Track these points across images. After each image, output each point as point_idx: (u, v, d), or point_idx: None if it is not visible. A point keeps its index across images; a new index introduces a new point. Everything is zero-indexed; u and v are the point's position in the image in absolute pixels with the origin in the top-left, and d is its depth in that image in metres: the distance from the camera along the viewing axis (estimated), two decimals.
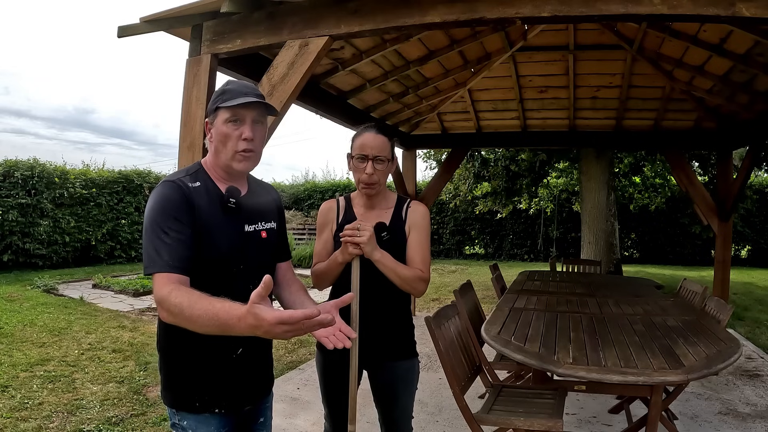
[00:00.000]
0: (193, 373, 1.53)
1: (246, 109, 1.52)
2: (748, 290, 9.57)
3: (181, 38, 3.10)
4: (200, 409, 1.53)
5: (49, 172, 10.43)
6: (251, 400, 1.65)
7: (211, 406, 1.54)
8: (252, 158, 1.57)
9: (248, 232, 1.59)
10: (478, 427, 2.45)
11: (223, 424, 1.58)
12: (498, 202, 11.94)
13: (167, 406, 1.58)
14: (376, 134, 1.94)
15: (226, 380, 1.56)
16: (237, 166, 1.55)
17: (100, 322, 6.16)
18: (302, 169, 62.84)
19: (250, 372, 1.62)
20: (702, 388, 4.11)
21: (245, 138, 1.52)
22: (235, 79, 1.66)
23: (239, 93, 1.53)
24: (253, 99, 1.52)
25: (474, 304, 3.81)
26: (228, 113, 1.52)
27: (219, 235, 1.50)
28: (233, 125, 1.52)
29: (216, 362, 1.54)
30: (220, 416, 1.56)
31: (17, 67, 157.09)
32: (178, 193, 1.46)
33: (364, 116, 5.60)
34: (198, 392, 1.53)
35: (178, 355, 1.55)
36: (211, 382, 1.54)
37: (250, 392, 1.64)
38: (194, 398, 1.53)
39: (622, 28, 4.94)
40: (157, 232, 1.41)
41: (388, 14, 2.68)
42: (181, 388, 1.54)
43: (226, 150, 1.53)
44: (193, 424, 1.54)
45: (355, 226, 1.83)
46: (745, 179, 5.86)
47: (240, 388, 1.59)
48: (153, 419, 3.46)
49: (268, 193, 1.74)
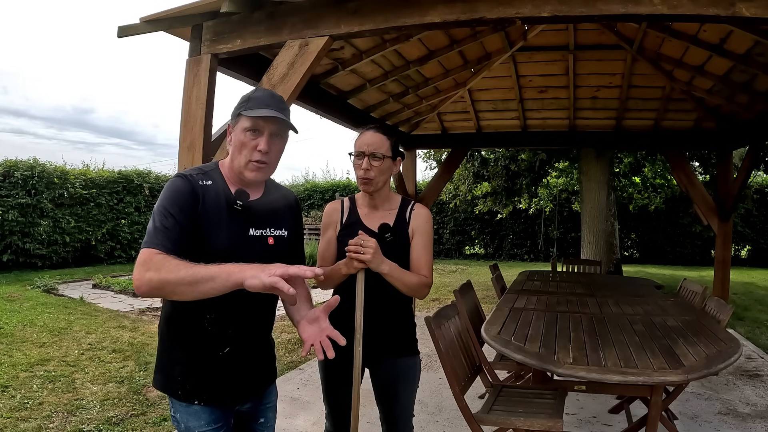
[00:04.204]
0: (179, 362, 1.58)
1: (266, 121, 1.54)
2: (748, 290, 9.57)
3: (181, 38, 3.10)
4: (182, 398, 1.57)
5: (49, 172, 10.42)
6: (240, 398, 1.67)
7: (191, 397, 1.57)
8: (264, 170, 1.58)
9: (253, 236, 1.60)
10: (478, 427, 2.45)
11: (214, 420, 1.59)
12: (498, 202, 11.94)
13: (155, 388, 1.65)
14: (374, 132, 1.97)
15: (209, 375, 1.58)
16: (248, 175, 1.56)
17: (100, 322, 6.16)
18: (302, 169, 62.76)
19: (239, 371, 1.63)
20: (702, 388, 4.11)
21: (260, 149, 1.53)
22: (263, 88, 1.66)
23: (263, 104, 1.54)
24: (273, 114, 1.52)
25: (474, 304, 3.81)
26: (248, 122, 1.53)
27: (219, 234, 1.52)
28: (251, 135, 1.54)
29: (201, 356, 1.58)
30: (210, 411, 1.59)
31: (15, 66, 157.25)
32: (187, 186, 1.50)
33: (364, 116, 5.60)
34: (180, 381, 1.58)
35: (171, 341, 1.61)
36: (194, 373, 1.58)
37: (238, 391, 1.65)
38: (176, 386, 1.58)
39: (622, 28, 4.94)
40: (159, 216, 1.45)
41: (388, 14, 2.68)
42: (167, 373, 1.59)
43: (240, 157, 1.56)
44: (184, 416, 1.58)
45: (358, 241, 1.82)
46: (745, 179, 5.86)
47: (224, 386, 1.61)
48: (153, 419, 3.46)
49: (284, 200, 1.73)
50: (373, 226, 1.98)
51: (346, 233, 1.97)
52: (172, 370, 1.59)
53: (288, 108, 1.62)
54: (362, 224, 2.00)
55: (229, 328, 1.59)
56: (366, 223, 2.01)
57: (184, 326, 1.59)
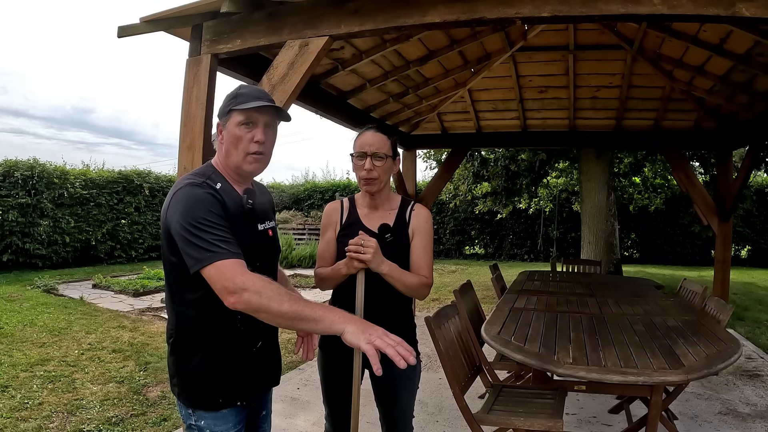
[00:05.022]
0: (214, 371, 1.54)
1: (259, 112, 1.57)
2: (748, 290, 9.57)
3: (181, 38, 3.09)
4: (223, 405, 1.55)
5: (49, 172, 10.42)
6: (264, 390, 1.73)
7: (233, 400, 1.57)
8: (262, 160, 1.62)
9: (260, 231, 1.67)
10: (478, 427, 2.45)
11: (239, 420, 1.61)
12: (498, 202, 11.94)
13: (185, 406, 1.57)
14: (375, 132, 1.97)
15: (246, 373, 1.60)
16: (248, 168, 1.60)
17: (100, 322, 6.16)
18: (302, 169, 62.85)
19: (266, 363, 1.68)
20: (702, 388, 4.11)
21: (257, 140, 1.57)
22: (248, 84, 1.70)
23: (253, 97, 1.57)
24: (267, 103, 1.57)
25: (474, 304, 3.81)
26: (241, 116, 1.56)
27: (241, 234, 1.53)
28: (246, 128, 1.57)
29: (237, 357, 1.57)
30: (237, 411, 1.60)
31: (15, 66, 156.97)
32: (210, 195, 1.49)
33: (364, 116, 5.60)
34: (221, 389, 1.55)
35: (197, 354, 1.54)
36: (233, 377, 1.57)
37: (264, 383, 1.70)
38: (217, 395, 1.55)
39: (622, 28, 4.94)
40: (205, 227, 1.41)
41: (388, 14, 2.68)
42: (202, 388, 1.54)
43: (237, 152, 1.58)
44: (211, 422, 1.54)
45: (358, 241, 1.82)
46: (745, 179, 5.86)
47: (257, 380, 1.65)
48: (153, 419, 3.46)
49: (264, 194, 1.80)
50: (373, 227, 1.97)
51: (345, 233, 1.97)
52: (207, 381, 1.53)
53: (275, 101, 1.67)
54: (362, 224, 2.00)
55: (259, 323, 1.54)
56: (366, 223, 2.01)
57: (217, 332, 1.53)
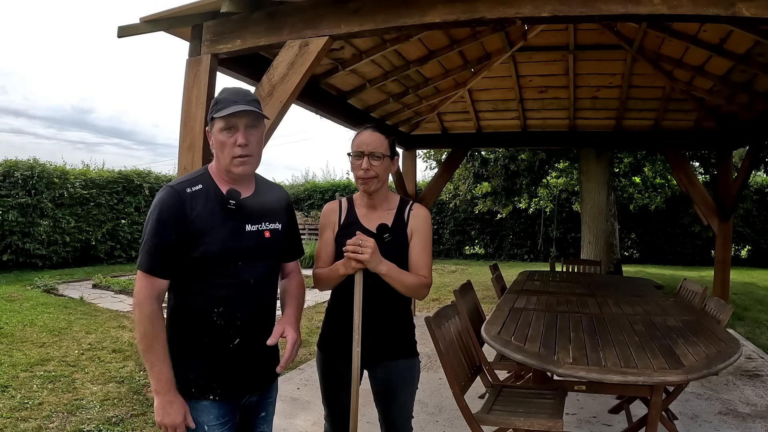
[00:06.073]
0: (190, 359, 1.61)
1: (237, 117, 1.61)
2: (748, 290, 9.57)
3: (181, 38, 3.09)
4: (196, 395, 1.60)
5: (49, 172, 10.42)
6: (249, 390, 1.72)
7: (205, 392, 1.61)
8: (249, 161, 1.66)
9: (250, 231, 1.68)
10: (478, 427, 2.45)
11: (222, 414, 1.63)
12: (498, 201, 11.94)
13: None
14: (372, 132, 1.96)
15: (221, 369, 1.63)
16: (236, 170, 1.65)
17: (100, 322, 6.16)
18: (302, 169, 62.96)
19: (248, 363, 1.68)
20: (702, 388, 4.11)
21: (239, 144, 1.61)
22: (229, 86, 1.73)
23: (230, 102, 1.62)
24: (243, 107, 1.60)
25: (474, 304, 3.81)
26: (222, 122, 1.62)
27: (216, 233, 1.60)
28: (228, 133, 1.62)
29: (211, 351, 1.62)
30: (219, 405, 1.63)
31: (15, 66, 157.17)
32: (173, 198, 1.59)
33: (364, 116, 5.60)
34: (194, 378, 1.60)
35: (179, 340, 1.62)
36: (207, 369, 1.61)
37: (247, 383, 1.70)
38: (189, 384, 1.60)
39: (622, 28, 4.94)
40: (148, 234, 1.56)
41: (388, 14, 2.68)
42: (177, 374, 1.59)
43: (224, 156, 1.64)
44: (193, 413, 1.60)
45: (356, 241, 1.81)
46: (745, 179, 5.87)
47: (236, 378, 1.66)
48: (153, 419, 3.44)
49: (276, 195, 1.81)
50: (372, 227, 1.96)
51: (344, 234, 1.96)
52: (184, 368, 1.60)
53: (256, 99, 1.70)
54: (360, 225, 1.99)
55: (237, 320, 1.64)
56: (364, 223, 2.00)
57: (192, 323, 1.62)
